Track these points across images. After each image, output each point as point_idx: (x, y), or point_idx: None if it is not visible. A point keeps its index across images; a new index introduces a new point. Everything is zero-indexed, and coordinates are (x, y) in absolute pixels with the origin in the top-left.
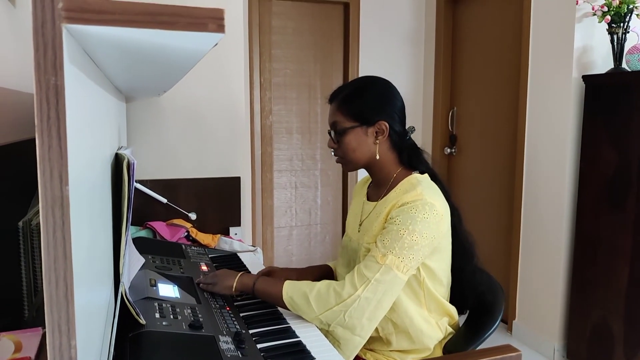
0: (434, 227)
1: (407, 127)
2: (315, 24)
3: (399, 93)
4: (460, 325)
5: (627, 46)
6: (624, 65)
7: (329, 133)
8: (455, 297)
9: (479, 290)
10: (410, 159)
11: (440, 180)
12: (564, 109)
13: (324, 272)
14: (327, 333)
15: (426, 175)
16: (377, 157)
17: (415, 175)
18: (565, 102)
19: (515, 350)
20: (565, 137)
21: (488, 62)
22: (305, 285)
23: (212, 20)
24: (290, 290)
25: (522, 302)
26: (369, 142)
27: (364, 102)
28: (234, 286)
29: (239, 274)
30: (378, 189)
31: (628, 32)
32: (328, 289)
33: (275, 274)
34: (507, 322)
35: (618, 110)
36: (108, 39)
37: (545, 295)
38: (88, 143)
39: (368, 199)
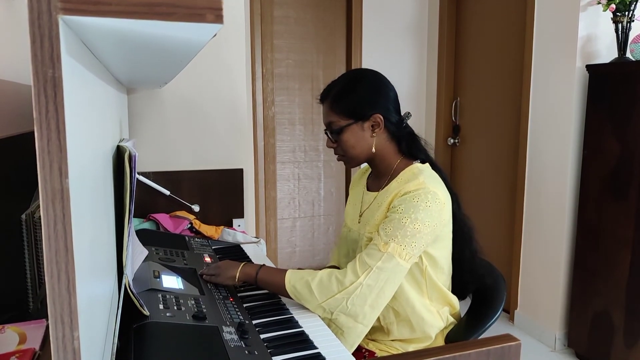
0: (436, 216)
1: (402, 113)
2: (317, 13)
3: (389, 82)
4: (462, 316)
5: (632, 35)
6: (628, 54)
7: (326, 133)
8: (456, 282)
9: (479, 274)
10: (409, 147)
11: (439, 168)
12: (568, 99)
13: None
14: (330, 322)
15: (427, 164)
16: (374, 150)
17: (417, 165)
18: (569, 91)
19: (514, 339)
20: (569, 126)
21: (491, 52)
22: (307, 273)
23: (210, 11)
24: (293, 278)
25: (524, 292)
26: (367, 137)
27: (356, 98)
28: (237, 276)
29: (242, 264)
30: (379, 180)
31: (633, 20)
32: (330, 276)
33: None
34: (509, 311)
35: (622, 100)
36: (105, 30)
37: (546, 285)
38: (88, 135)
39: (368, 189)
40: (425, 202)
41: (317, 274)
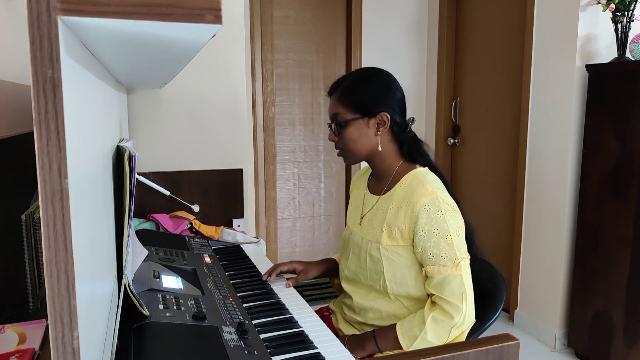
0: (458, 216)
1: (407, 118)
2: (317, 13)
3: (399, 84)
4: None
5: (631, 35)
6: (628, 54)
7: (330, 126)
8: None
9: (480, 278)
10: (411, 151)
11: (441, 173)
12: (567, 98)
13: (331, 266)
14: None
15: (426, 168)
16: (380, 148)
17: (419, 169)
18: (569, 91)
19: (513, 339)
20: (568, 126)
21: (491, 51)
22: (416, 328)
23: (209, 11)
24: (407, 341)
25: (524, 291)
26: (370, 134)
27: (365, 93)
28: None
29: (367, 345)
30: (380, 182)
31: (632, 20)
32: (436, 323)
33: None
34: (509, 311)
35: (621, 99)
36: (104, 31)
37: (546, 284)
38: (88, 136)
39: (370, 192)
40: (447, 209)
41: (424, 327)
